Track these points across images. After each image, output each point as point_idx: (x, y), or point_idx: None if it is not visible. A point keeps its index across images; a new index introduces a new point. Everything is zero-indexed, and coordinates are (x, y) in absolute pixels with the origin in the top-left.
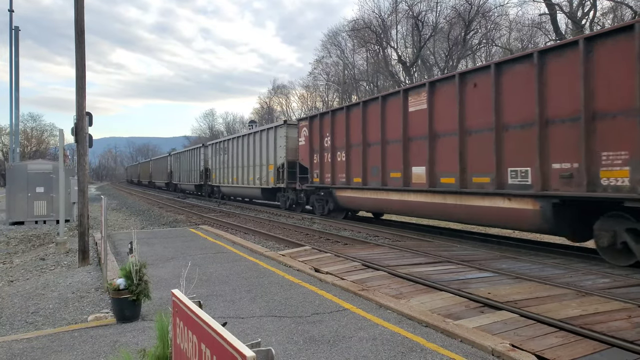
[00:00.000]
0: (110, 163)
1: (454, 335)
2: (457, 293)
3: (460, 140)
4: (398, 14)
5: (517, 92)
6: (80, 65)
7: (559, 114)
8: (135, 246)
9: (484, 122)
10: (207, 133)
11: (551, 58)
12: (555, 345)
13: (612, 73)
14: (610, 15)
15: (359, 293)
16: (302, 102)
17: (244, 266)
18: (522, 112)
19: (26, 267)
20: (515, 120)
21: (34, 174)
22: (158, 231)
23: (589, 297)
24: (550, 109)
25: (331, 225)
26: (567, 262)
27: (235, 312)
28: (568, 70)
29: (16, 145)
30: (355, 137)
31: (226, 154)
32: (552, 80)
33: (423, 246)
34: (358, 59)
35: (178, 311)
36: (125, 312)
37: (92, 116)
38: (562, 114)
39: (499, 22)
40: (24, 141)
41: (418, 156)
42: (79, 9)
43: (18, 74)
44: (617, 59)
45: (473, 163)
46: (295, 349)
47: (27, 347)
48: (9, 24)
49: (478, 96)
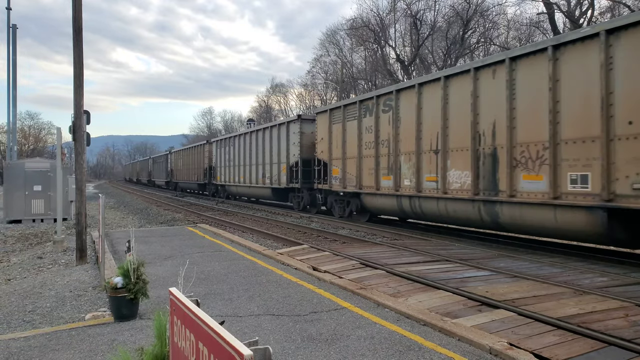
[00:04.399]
0: (108, 161)
1: (451, 333)
2: (455, 292)
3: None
4: (396, 13)
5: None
6: (78, 63)
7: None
8: (132, 245)
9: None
10: (205, 132)
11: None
12: (553, 344)
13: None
14: (608, 14)
15: (357, 292)
16: (301, 101)
17: (242, 265)
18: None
19: (23, 266)
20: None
21: (32, 172)
22: (156, 230)
23: (586, 296)
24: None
25: (329, 224)
26: (564, 260)
27: (233, 310)
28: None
29: (14, 143)
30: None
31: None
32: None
33: (421, 245)
34: (356, 58)
35: (176, 310)
36: (122, 310)
37: (90, 114)
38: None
39: (497, 21)
40: (21, 139)
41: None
42: (76, 6)
43: (16, 72)
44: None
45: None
46: (293, 347)
47: (24, 346)
48: (6, 22)
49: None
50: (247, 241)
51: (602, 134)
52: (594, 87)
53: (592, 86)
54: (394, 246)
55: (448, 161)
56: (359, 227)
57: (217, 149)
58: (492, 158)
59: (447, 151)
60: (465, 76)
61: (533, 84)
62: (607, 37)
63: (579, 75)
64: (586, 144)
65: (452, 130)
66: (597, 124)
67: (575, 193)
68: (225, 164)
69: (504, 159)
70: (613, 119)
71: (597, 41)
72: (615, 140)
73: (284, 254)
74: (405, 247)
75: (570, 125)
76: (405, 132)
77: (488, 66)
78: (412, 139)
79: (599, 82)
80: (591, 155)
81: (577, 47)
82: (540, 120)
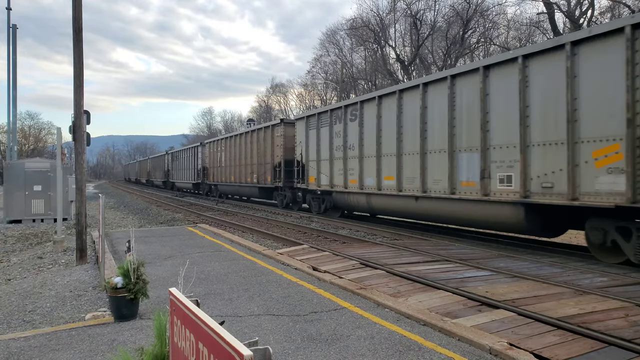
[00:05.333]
0: (108, 161)
1: (451, 333)
2: (455, 292)
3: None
4: (396, 13)
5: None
6: (78, 63)
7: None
8: (132, 245)
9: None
10: (206, 132)
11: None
12: (553, 344)
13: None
14: (608, 14)
15: (357, 292)
16: (301, 101)
17: (242, 265)
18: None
19: (23, 266)
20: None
21: (32, 172)
22: (156, 230)
23: (586, 296)
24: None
25: (329, 224)
26: (564, 261)
27: (233, 310)
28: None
29: (14, 143)
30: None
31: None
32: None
33: (421, 245)
34: (356, 58)
35: (176, 310)
36: (122, 310)
37: (90, 114)
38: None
39: (497, 21)
40: (21, 139)
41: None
42: (76, 7)
43: (16, 72)
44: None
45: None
46: (293, 347)
47: (24, 346)
48: (6, 22)
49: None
50: (247, 241)
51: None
52: (515, 101)
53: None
54: (394, 246)
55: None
56: (359, 227)
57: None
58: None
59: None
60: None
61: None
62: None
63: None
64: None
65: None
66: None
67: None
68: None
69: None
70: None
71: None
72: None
73: (284, 254)
74: (405, 247)
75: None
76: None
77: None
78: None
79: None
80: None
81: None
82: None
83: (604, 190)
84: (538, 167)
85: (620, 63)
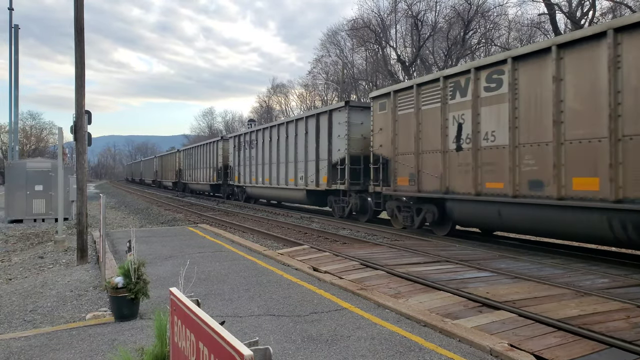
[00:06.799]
0: (109, 161)
1: (452, 334)
2: (456, 292)
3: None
4: (397, 14)
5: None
6: (80, 63)
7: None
8: (133, 244)
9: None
10: (206, 132)
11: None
12: (554, 345)
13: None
14: (609, 15)
15: (358, 292)
16: (301, 101)
17: (243, 265)
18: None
19: (24, 265)
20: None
21: (33, 172)
22: (157, 230)
23: (587, 297)
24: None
25: (330, 224)
26: (566, 262)
27: (234, 310)
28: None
29: (15, 143)
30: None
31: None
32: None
33: (422, 245)
34: (357, 58)
35: (176, 310)
36: (123, 310)
37: (91, 114)
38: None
39: (498, 21)
40: (23, 139)
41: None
42: (78, 7)
43: (18, 72)
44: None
45: None
46: (294, 347)
47: (25, 346)
48: (8, 22)
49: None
50: (248, 241)
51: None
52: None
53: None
54: (394, 247)
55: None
56: (359, 228)
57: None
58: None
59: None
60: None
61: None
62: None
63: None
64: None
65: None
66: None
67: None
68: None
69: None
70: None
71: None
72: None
73: (285, 255)
74: (405, 247)
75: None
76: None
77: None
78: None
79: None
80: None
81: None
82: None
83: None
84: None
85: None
